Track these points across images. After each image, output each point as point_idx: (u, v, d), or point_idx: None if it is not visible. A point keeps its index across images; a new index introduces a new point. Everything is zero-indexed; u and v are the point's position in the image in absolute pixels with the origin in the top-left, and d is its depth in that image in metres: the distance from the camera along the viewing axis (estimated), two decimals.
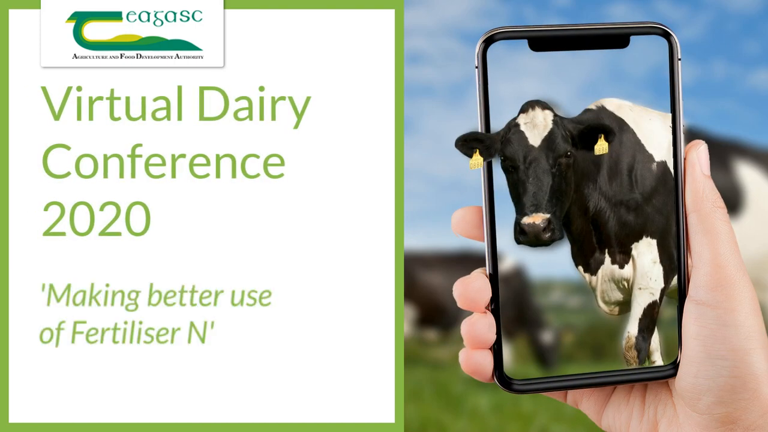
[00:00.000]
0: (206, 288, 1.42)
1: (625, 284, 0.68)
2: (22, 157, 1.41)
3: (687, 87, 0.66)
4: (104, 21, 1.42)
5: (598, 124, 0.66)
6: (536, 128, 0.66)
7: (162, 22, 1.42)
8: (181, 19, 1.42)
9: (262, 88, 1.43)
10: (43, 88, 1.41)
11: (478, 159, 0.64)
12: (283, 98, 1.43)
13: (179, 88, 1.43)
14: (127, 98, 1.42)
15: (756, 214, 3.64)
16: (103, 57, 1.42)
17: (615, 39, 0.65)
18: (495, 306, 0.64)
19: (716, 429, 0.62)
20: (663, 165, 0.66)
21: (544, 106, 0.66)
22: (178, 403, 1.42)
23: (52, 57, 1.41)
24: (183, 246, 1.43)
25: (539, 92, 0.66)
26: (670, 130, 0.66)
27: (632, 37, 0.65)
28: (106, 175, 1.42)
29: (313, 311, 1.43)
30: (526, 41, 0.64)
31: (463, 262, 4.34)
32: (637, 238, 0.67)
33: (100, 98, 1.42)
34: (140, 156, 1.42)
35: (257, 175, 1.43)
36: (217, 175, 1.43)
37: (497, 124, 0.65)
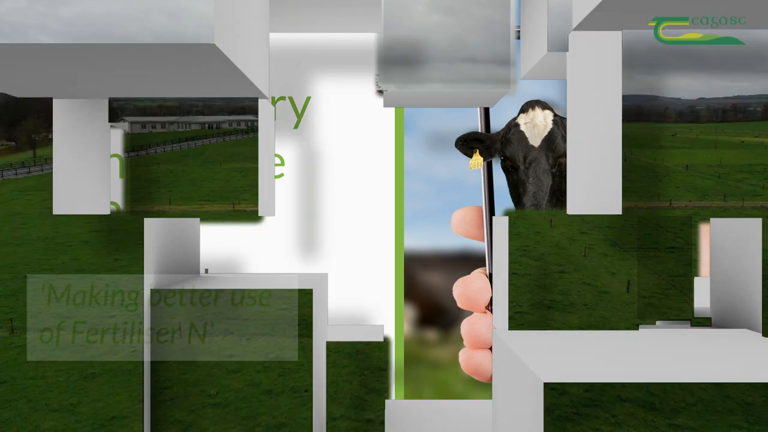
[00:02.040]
0: (206, 288, 1.42)
1: None
2: None
3: None
4: None
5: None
6: (536, 128, 0.66)
7: None
8: None
9: None
10: None
11: (478, 159, 0.65)
12: (283, 98, 1.43)
13: None
14: None
15: None
16: None
17: None
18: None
19: None
20: None
21: (544, 106, 0.66)
22: None
23: None
24: None
25: (539, 92, 0.66)
26: None
27: None
28: None
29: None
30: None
31: (463, 262, 4.34)
32: None
33: None
34: None
35: None
36: None
37: (497, 124, 0.65)
